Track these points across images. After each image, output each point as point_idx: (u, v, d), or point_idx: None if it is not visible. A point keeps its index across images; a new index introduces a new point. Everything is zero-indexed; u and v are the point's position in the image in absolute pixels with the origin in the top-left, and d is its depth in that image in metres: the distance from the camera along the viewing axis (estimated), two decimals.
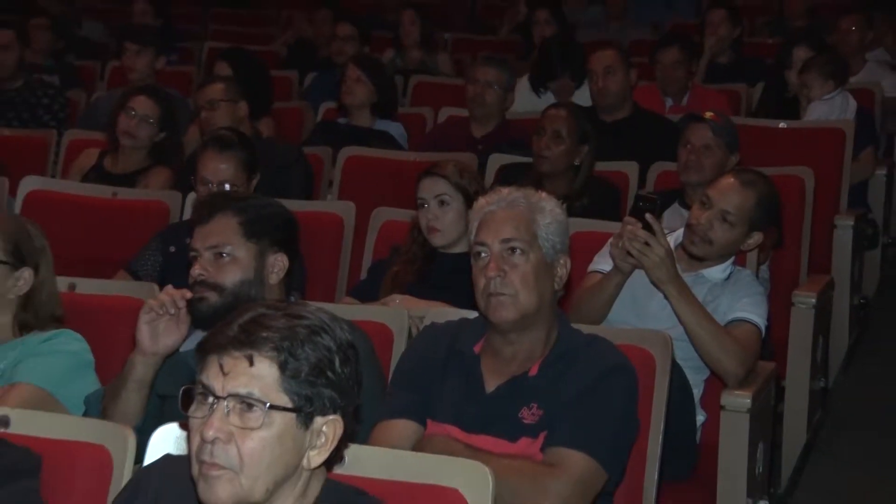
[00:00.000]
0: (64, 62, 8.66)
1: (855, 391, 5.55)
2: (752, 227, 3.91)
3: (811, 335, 4.59)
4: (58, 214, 4.44)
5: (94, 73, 8.53)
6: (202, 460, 2.01)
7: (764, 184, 3.98)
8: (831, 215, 5.44)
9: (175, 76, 7.79)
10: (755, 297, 3.81)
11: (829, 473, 4.80)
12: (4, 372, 3.15)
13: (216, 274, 3.21)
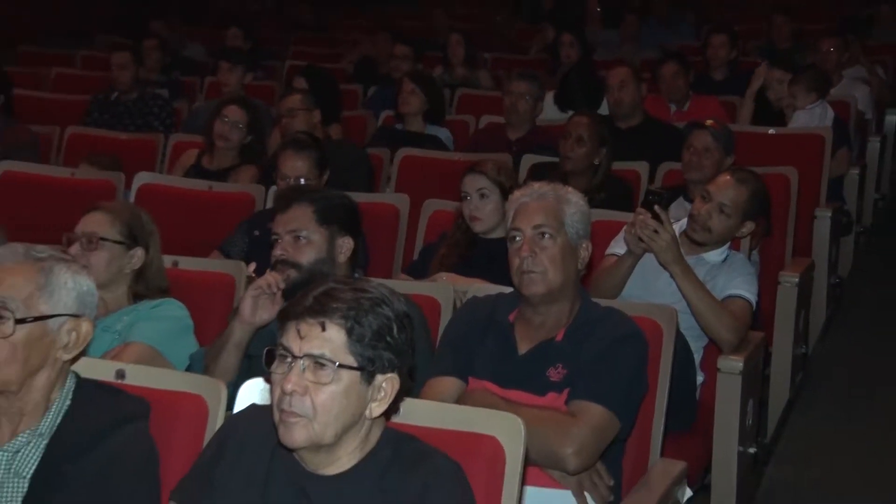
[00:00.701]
0: (171, 78, 8.71)
1: (831, 356, 5.55)
2: (745, 218, 3.92)
3: (794, 309, 4.61)
4: (164, 204, 4.47)
5: (195, 87, 8.57)
6: (282, 409, 2.05)
7: (756, 181, 3.98)
8: (812, 208, 5.43)
9: (261, 89, 7.81)
10: (747, 277, 3.83)
11: (808, 425, 4.80)
12: (121, 333, 3.20)
13: (295, 254, 3.24)
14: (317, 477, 2.10)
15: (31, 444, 2.30)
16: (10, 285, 2.30)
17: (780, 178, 4.91)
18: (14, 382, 2.29)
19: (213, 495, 2.15)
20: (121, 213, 3.44)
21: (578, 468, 2.74)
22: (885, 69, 8.92)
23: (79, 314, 2.37)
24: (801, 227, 5.22)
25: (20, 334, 2.28)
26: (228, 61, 7.76)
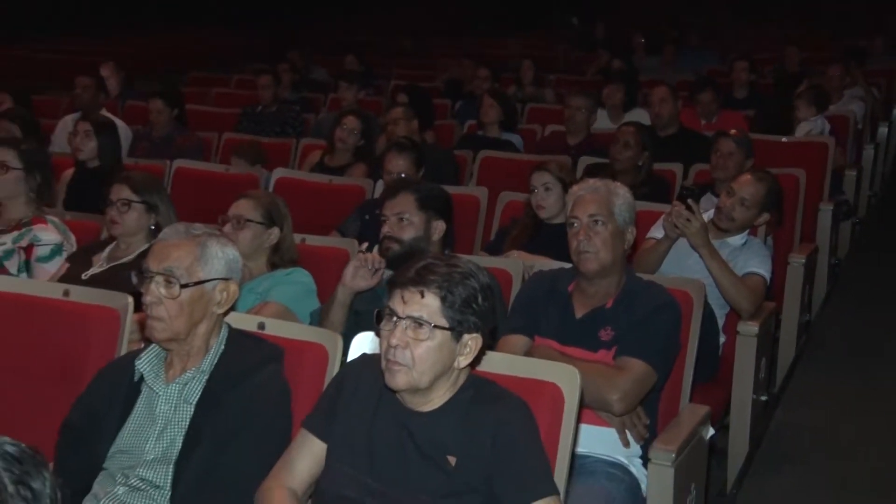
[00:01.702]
0: (302, 95, 8.80)
1: (829, 323, 5.47)
2: (762, 210, 3.88)
3: (801, 284, 4.54)
4: (295, 193, 4.50)
5: (320, 102, 8.65)
6: (388, 358, 2.06)
7: (771, 179, 3.94)
8: (817, 202, 5.35)
9: (371, 103, 7.86)
10: (763, 258, 3.78)
11: (810, 379, 4.73)
12: (261, 294, 3.24)
13: (398, 231, 3.26)
14: (414, 413, 2.11)
15: (196, 379, 2.36)
16: (176, 258, 2.35)
17: (790, 177, 4.84)
18: (182, 332, 2.34)
19: (333, 425, 2.17)
20: (262, 199, 3.48)
21: (623, 411, 2.72)
22: (878, 90, 8.84)
23: (228, 277, 2.41)
24: (808, 218, 5.13)
25: (185, 295, 2.33)
26: (346, 81, 7.87)
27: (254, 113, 7.46)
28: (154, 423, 2.34)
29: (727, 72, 8.40)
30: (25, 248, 3.73)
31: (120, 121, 5.88)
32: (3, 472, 1.12)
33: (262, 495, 2.13)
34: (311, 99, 8.76)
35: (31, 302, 2.87)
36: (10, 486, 1.11)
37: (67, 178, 4.96)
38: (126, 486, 2.29)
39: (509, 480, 2.01)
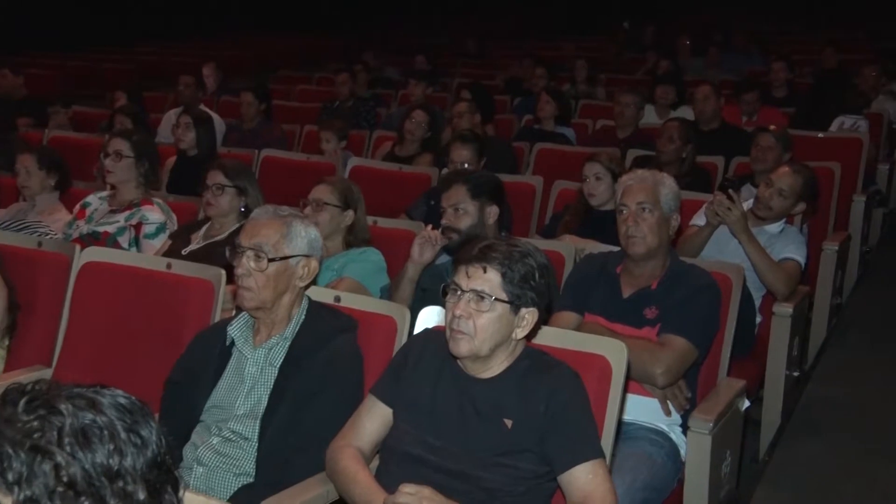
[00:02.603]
0: (375, 91, 8.82)
1: (859, 306, 5.32)
2: (798, 200, 3.78)
3: (833, 269, 4.43)
4: (369, 179, 4.53)
5: (391, 98, 8.64)
6: (452, 328, 2.06)
7: (808, 172, 3.84)
8: (850, 194, 5.20)
9: (437, 99, 7.84)
10: (798, 245, 3.69)
11: (839, 357, 4.62)
12: (337, 270, 3.25)
13: (455, 222, 3.26)
14: (474, 379, 2.11)
15: (280, 344, 2.39)
16: (265, 235, 2.38)
17: (826, 170, 4.73)
18: (268, 301, 2.37)
19: (399, 391, 2.18)
20: (338, 185, 3.49)
21: (665, 384, 2.69)
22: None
23: (309, 255, 2.43)
24: (842, 208, 5.00)
25: (271, 269, 2.36)
26: (415, 79, 7.88)
27: (332, 108, 7.50)
28: (243, 382, 2.38)
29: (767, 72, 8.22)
30: (135, 225, 3.80)
31: (216, 115, 5.96)
32: (117, 420, 1.14)
33: (333, 453, 2.15)
34: (383, 95, 8.76)
35: (139, 273, 2.92)
36: (122, 434, 1.14)
37: (170, 164, 5.05)
38: (220, 437, 2.33)
39: (560, 443, 2.01)
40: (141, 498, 1.13)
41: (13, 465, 1.08)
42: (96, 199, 4.01)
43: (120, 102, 6.71)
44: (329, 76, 9.26)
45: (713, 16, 15.03)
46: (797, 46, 11.30)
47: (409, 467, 2.04)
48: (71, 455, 1.10)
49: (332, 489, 2.13)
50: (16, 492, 1.08)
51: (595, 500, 1.96)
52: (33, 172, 4.05)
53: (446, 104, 7.24)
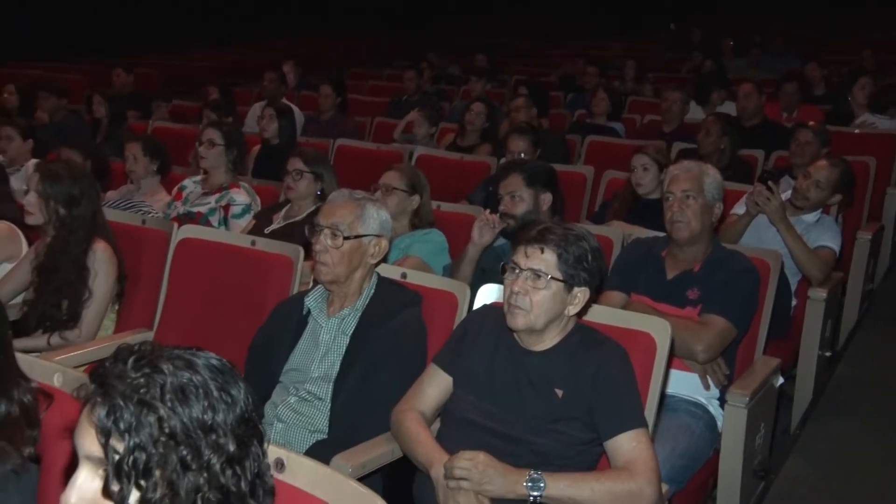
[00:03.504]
0: (439, 87, 8.80)
1: (889, 292, 5.16)
2: (834, 191, 3.66)
3: (866, 257, 4.29)
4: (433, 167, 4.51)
5: (454, 93, 8.61)
6: (510, 303, 2.04)
7: (844, 165, 3.72)
8: (884, 186, 5.02)
9: (496, 94, 7.78)
10: (833, 233, 3.59)
11: (869, 339, 4.48)
12: (403, 250, 3.24)
13: (512, 208, 3.23)
14: (529, 352, 2.09)
15: (351, 315, 2.40)
16: (341, 215, 2.39)
17: (862, 164, 4.57)
18: (342, 276, 2.39)
19: (459, 361, 2.17)
20: (406, 171, 3.48)
21: (706, 360, 2.65)
22: None
23: (380, 234, 2.43)
24: (875, 200, 4.83)
25: (346, 246, 2.37)
26: (476, 76, 7.86)
27: (400, 101, 7.51)
28: (318, 348, 2.39)
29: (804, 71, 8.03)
30: (224, 206, 3.86)
31: (296, 107, 6.01)
32: (210, 380, 1.16)
33: (398, 415, 2.15)
34: (446, 90, 8.74)
35: (228, 249, 2.96)
36: (215, 392, 1.16)
37: (255, 152, 5.10)
38: (296, 397, 2.36)
39: (606, 412, 1.98)
40: (231, 449, 1.15)
41: (124, 416, 1.11)
42: (191, 182, 4.08)
43: (212, 97, 6.81)
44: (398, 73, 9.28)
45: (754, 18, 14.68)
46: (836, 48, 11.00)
47: (466, 431, 2.03)
48: (171, 409, 1.12)
49: (397, 448, 2.14)
50: (126, 439, 1.11)
51: (638, 466, 1.93)
52: (139, 159, 4.13)
53: (504, 99, 7.19)
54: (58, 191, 2.94)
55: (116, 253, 3.01)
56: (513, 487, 1.90)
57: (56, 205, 2.93)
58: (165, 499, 1.12)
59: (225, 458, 1.14)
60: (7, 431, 1.54)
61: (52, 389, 1.70)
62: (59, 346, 2.87)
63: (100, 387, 1.14)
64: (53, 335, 2.91)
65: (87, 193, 2.98)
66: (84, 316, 2.93)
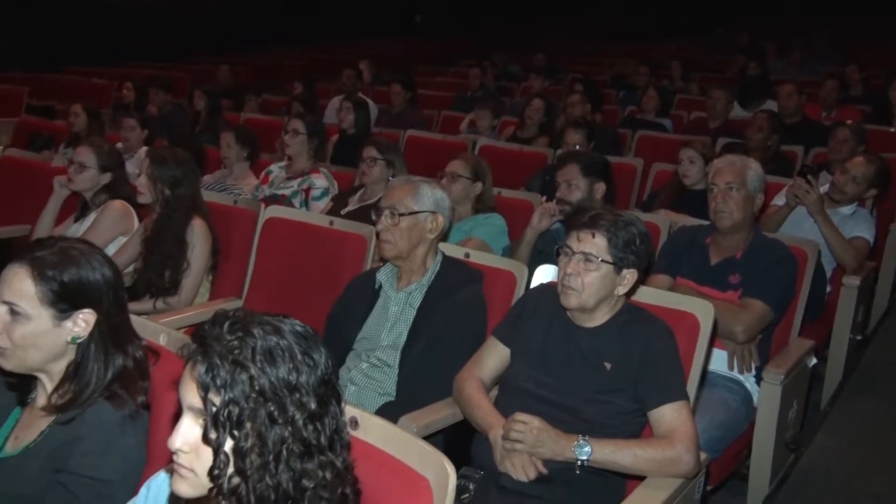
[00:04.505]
0: (500, 83, 8.73)
1: None
2: (870, 186, 3.55)
3: None
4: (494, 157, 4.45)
5: (514, 89, 8.53)
6: (563, 284, 2.02)
7: (880, 161, 3.59)
8: None
9: (553, 91, 7.67)
10: (868, 225, 3.48)
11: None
12: (466, 232, 3.22)
13: (568, 195, 3.18)
14: (580, 328, 2.07)
15: (418, 290, 2.40)
16: (398, 196, 2.42)
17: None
18: (404, 251, 2.39)
19: (517, 335, 2.15)
20: (470, 160, 3.45)
21: (744, 340, 2.60)
22: None
23: (435, 211, 2.42)
24: None
25: (403, 223, 2.38)
26: (535, 73, 7.77)
27: (464, 97, 7.48)
28: (387, 319, 2.40)
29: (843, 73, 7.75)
30: (305, 190, 3.90)
31: (371, 101, 6.02)
32: (295, 344, 1.17)
33: (459, 382, 2.15)
34: (507, 87, 8.67)
35: (308, 228, 2.99)
36: (299, 355, 1.17)
37: (334, 141, 5.14)
38: (368, 363, 2.37)
39: (651, 385, 1.95)
40: (313, 407, 1.16)
41: (220, 373, 1.13)
42: (277, 168, 4.13)
43: (297, 91, 6.88)
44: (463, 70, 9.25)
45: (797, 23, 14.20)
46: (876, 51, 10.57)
47: (521, 399, 2.02)
48: (261, 369, 1.14)
49: (458, 412, 2.14)
50: (222, 394, 1.13)
51: (679, 435, 1.90)
52: (232, 146, 4.21)
53: (561, 95, 7.11)
54: (164, 174, 3.00)
55: (212, 229, 3.07)
56: (562, 451, 1.89)
57: (162, 186, 3.00)
58: (255, 448, 1.13)
59: (307, 415, 1.16)
60: (123, 381, 1.59)
61: (158, 347, 1.74)
62: (163, 310, 2.94)
63: (200, 347, 1.16)
64: (158, 300, 2.98)
65: (189, 177, 3.04)
66: (183, 284, 3.00)
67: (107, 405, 1.55)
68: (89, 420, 1.53)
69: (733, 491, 2.81)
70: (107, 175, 3.32)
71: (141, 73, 9.01)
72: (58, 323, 1.55)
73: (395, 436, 1.37)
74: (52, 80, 8.68)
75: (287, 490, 1.14)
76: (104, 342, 1.59)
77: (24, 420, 1.61)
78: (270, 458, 1.13)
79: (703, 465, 1.99)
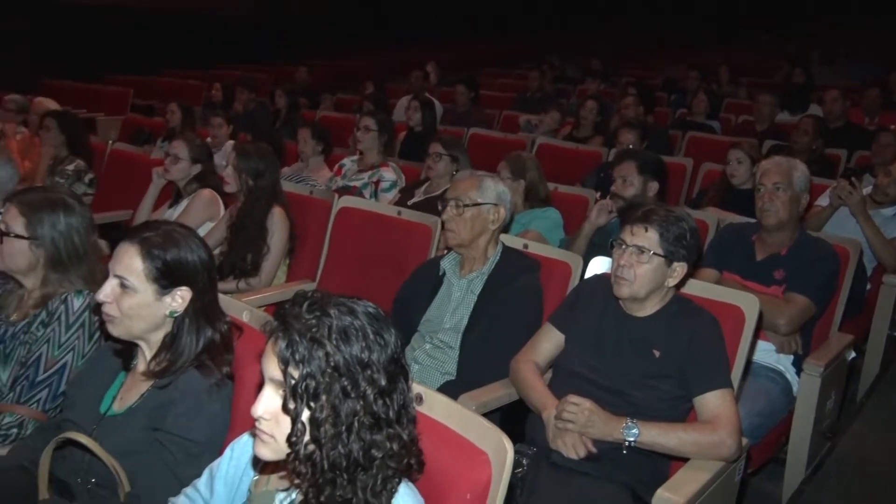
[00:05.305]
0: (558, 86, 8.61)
1: None
2: None
3: None
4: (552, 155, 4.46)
5: (571, 92, 8.39)
6: (617, 275, 1.98)
7: None
8: None
9: (608, 93, 7.56)
10: None
11: None
12: (524, 224, 3.18)
13: (622, 190, 3.11)
14: (631, 317, 2.03)
15: (479, 277, 2.38)
16: (462, 189, 2.41)
17: None
18: (467, 240, 2.38)
19: (571, 322, 2.12)
20: (509, 160, 3.33)
21: (787, 333, 2.52)
22: None
23: (497, 204, 2.40)
24: None
25: (467, 213, 2.37)
26: (591, 77, 7.62)
27: (524, 98, 7.40)
28: (450, 304, 2.40)
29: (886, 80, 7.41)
30: (375, 182, 3.91)
31: (437, 100, 6.01)
32: (368, 325, 1.18)
33: (516, 364, 2.14)
34: (564, 89, 8.55)
35: (378, 217, 2.99)
36: (371, 335, 1.17)
37: (402, 137, 5.14)
38: (430, 344, 2.37)
39: (697, 372, 1.91)
40: (383, 383, 1.17)
41: (299, 349, 1.14)
42: (349, 161, 4.15)
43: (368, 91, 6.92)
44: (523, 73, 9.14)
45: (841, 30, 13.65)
46: None
47: (574, 382, 1.99)
48: (336, 347, 1.15)
49: (513, 392, 2.13)
50: (301, 368, 1.14)
51: (722, 420, 1.86)
52: (308, 141, 4.25)
53: (615, 97, 6.99)
54: (248, 165, 3.05)
55: (289, 217, 3.10)
56: (611, 432, 1.86)
57: (246, 177, 3.05)
58: (329, 418, 1.14)
59: (377, 390, 1.16)
60: (211, 353, 1.63)
61: (241, 323, 1.77)
62: (244, 290, 2.99)
63: (281, 324, 1.17)
64: (240, 281, 3.03)
65: (270, 168, 3.08)
66: (263, 267, 3.04)
67: (196, 373, 1.59)
68: (182, 386, 1.57)
69: (770, 474, 2.74)
70: (197, 166, 3.39)
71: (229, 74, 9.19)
72: (159, 297, 1.59)
73: (457, 412, 1.36)
74: (153, 82, 8.95)
75: (357, 458, 1.15)
76: (197, 317, 1.62)
77: (128, 384, 1.66)
78: (343, 429, 1.14)
79: (743, 450, 1.94)
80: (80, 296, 1.87)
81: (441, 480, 1.29)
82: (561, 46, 12.97)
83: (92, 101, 7.32)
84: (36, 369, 1.81)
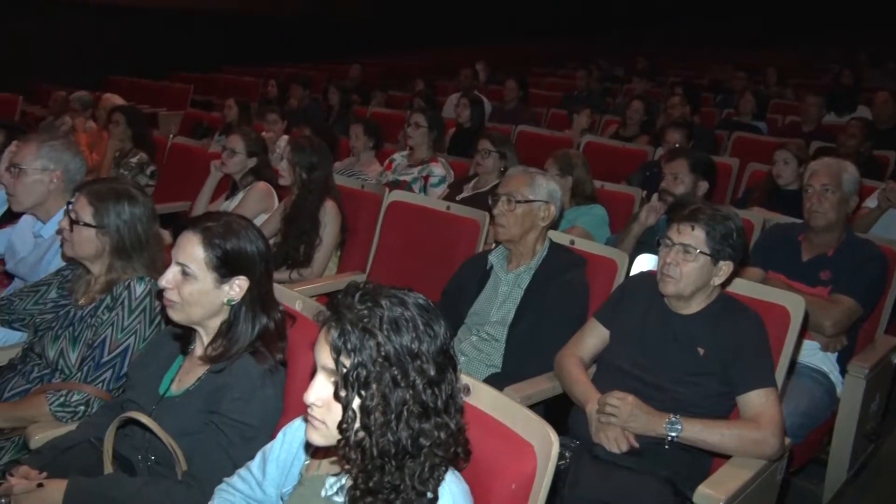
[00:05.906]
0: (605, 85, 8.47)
1: None
2: None
3: None
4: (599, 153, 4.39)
5: (618, 91, 8.24)
6: (663, 272, 1.95)
7: None
8: None
9: (654, 93, 7.39)
10: None
11: None
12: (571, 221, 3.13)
13: (672, 187, 3.05)
14: (677, 315, 1.99)
15: (526, 272, 2.37)
16: (515, 185, 2.38)
17: None
18: (516, 236, 2.36)
19: (616, 317, 2.09)
20: (556, 157, 3.31)
21: (833, 334, 2.45)
22: None
23: (548, 201, 2.38)
24: None
25: (518, 210, 2.35)
26: (637, 76, 7.49)
27: (571, 96, 7.32)
28: (497, 297, 2.38)
29: None
30: (424, 177, 3.92)
31: (485, 98, 5.99)
32: (418, 316, 1.17)
33: (561, 358, 2.12)
34: (611, 89, 8.42)
35: (427, 212, 2.99)
36: (421, 326, 1.16)
37: (451, 133, 5.13)
38: (477, 336, 2.37)
39: (742, 370, 1.86)
40: (432, 374, 1.16)
41: (351, 339, 1.14)
42: (399, 156, 4.16)
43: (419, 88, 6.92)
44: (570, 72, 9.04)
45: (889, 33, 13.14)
46: None
47: (618, 377, 1.97)
48: (387, 337, 1.15)
49: (558, 385, 2.11)
50: (352, 357, 1.15)
51: (765, 419, 1.81)
52: (360, 137, 4.26)
53: (661, 97, 6.86)
54: (302, 159, 3.08)
55: (341, 210, 3.12)
56: (654, 427, 1.83)
57: (300, 170, 3.08)
58: (379, 407, 1.14)
59: (426, 380, 1.16)
60: (265, 340, 1.65)
61: (294, 312, 1.79)
62: (297, 280, 3.02)
63: (334, 314, 1.18)
64: (293, 271, 3.06)
65: (323, 163, 3.10)
66: (315, 258, 3.07)
67: (251, 360, 1.61)
68: (237, 371, 1.59)
69: (812, 474, 2.67)
70: (253, 160, 3.44)
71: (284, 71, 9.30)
72: (218, 285, 1.62)
73: (503, 404, 1.35)
74: (212, 79, 9.11)
75: (406, 446, 1.15)
76: (253, 306, 1.65)
77: (185, 367, 1.70)
78: (392, 417, 1.14)
79: (786, 449, 1.89)
80: (142, 282, 1.91)
81: (487, 470, 1.28)
82: (608, 47, 12.79)
83: (154, 97, 7.49)
84: (101, 351, 1.86)
